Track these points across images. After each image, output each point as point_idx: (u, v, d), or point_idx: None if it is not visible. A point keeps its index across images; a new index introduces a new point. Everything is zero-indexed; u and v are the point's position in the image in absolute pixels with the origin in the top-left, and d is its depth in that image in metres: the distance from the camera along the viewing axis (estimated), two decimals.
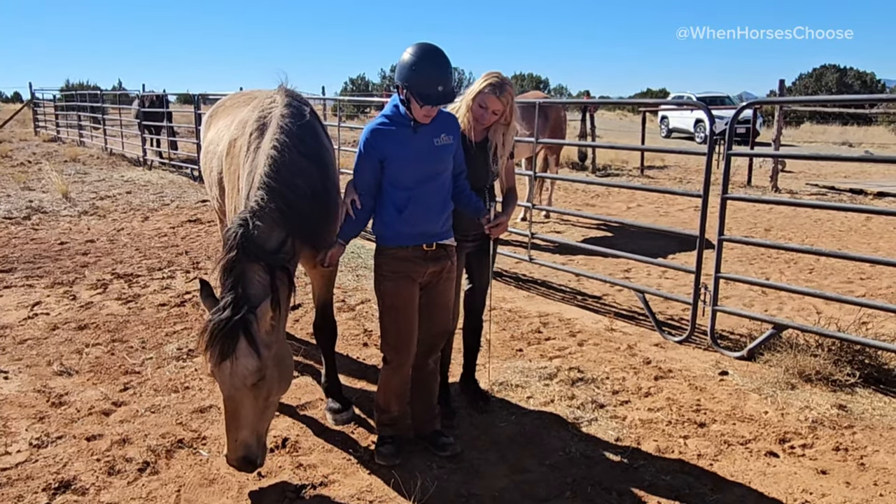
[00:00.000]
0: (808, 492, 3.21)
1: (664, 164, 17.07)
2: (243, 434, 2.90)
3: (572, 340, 5.13)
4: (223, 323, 2.79)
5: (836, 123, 30.54)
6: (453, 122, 3.32)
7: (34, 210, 10.12)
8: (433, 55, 3.03)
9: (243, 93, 5.20)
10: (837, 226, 9.59)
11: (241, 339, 2.81)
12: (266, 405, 2.98)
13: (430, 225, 3.24)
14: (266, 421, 3.04)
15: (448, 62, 3.08)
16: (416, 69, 3.00)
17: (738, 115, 5.08)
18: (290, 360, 3.13)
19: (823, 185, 13.31)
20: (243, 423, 2.90)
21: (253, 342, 2.83)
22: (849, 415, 3.94)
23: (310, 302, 5.73)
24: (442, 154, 3.21)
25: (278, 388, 3.03)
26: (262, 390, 2.91)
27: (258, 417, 2.94)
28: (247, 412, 2.89)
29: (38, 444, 3.56)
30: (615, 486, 3.25)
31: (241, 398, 2.87)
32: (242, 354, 2.81)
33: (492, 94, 3.38)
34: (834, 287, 6.54)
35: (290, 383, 3.17)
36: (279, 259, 3.03)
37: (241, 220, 3.00)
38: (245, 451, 2.91)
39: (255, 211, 3.03)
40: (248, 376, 2.83)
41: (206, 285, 3.01)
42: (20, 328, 5.26)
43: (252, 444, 2.93)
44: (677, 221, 9.91)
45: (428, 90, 3.00)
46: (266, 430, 3.07)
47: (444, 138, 3.21)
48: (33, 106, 26.48)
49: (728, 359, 4.80)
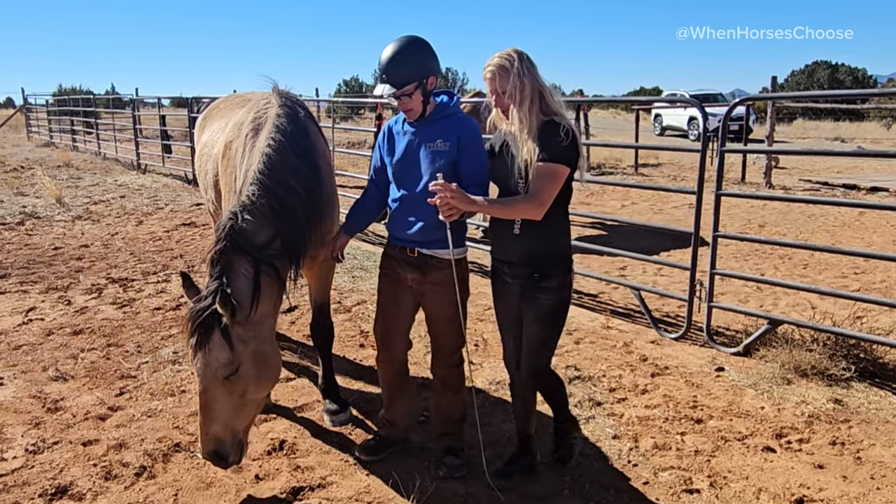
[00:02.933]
0: (805, 486, 3.22)
1: (658, 162, 17.11)
2: (214, 428, 2.85)
3: (569, 339, 5.13)
4: (200, 312, 2.77)
5: (829, 119, 30.63)
6: (458, 128, 3.04)
7: (28, 215, 10.07)
8: (391, 43, 2.99)
9: (237, 95, 5.19)
10: (831, 221, 9.62)
11: (216, 332, 2.77)
12: (242, 402, 2.90)
13: (410, 230, 3.11)
14: (243, 419, 2.95)
15: (403, 48, 2.95)
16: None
17: (731, 111, 5.10)
18: (275, 360, 3.03)
19: (817, 181, 13.36)
20: (215, 417, 2.84)
21: (226, 334, 2.79)
22: (845, 409, 3.95)
23: (306, 304, 5.72)
24: (433, 159, 3.02)
25: (256, 386, 2.93)
26: (236, 385, 2.84)
27: (232, 413, 2.88)
28: (220, 406, 2.84)
29: (34, 450, 3.54)
30: (613, 483, 3.26)
31: (213, 391, 2.82)
32: (215, 346, 2.78)
33: (485, 75, 2.96)
34: (828, 282, 6.56)
35: (272, 384, 3.09)
36: (266, 254, 3.01)
37: (231, 213, 3.00)
38: (216, 446, 2.86)
39: (245, 205, 3.02)
40: (219, 368, 2.78)
41: (186, 277, 2.99)
42: (15, 334, 5.23)
43: (225, 440, 2.87)
44: (672, 219, 9.94)
45: (379, 76, 3.01)
46: (244, 428, 2.99)
47: (440, 144, 3.02)
48: (25, 111, 26.38)
49: (724, 355, 4.81)
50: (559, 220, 3.00)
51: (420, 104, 3.03)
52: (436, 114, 3.08)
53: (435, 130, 3.06)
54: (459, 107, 3.17)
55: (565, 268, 3.03)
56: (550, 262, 2.98)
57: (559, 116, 2.87)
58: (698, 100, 6.96)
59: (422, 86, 2.98)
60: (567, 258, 3.05)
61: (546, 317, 3.02)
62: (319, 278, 3.83)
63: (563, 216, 3.03)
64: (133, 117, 16.79)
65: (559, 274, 2.99)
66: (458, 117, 3.11)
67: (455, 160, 3.03)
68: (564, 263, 3.03)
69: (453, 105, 3.12)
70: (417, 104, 3.02)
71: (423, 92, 3.00)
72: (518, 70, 2.81)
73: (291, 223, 3.10)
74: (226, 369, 2.80)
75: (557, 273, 2.99)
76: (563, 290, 3.02)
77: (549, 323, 3.04)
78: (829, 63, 43.84)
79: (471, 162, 3.03)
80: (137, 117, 16.83)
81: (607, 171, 15.59)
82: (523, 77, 2.82)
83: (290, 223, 3.10)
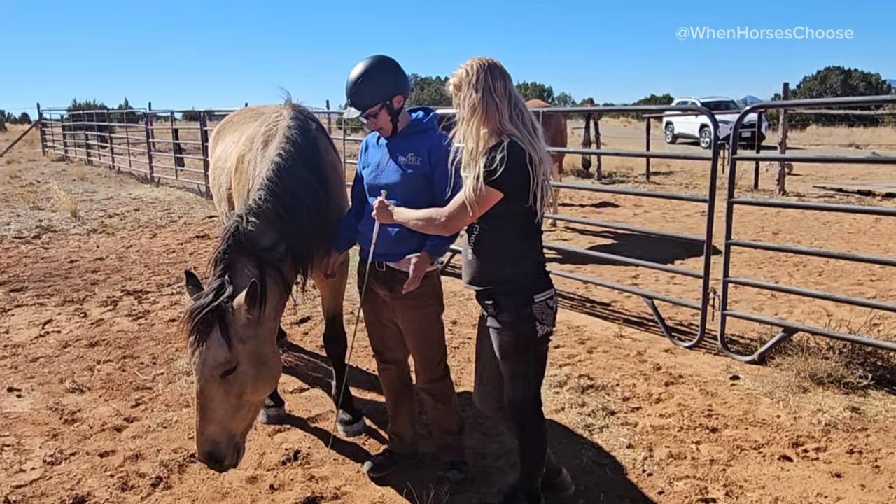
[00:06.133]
0: (822, 496, 3.18)
1: (670, 170, 17.05)
2: (211, 429, 2.80)
3: (581, 348, 5.12)
4: (200, 309, 2.78)
5: (842, 125, 30.43)
6: (430, 143, 3.04)
7: (44, 229, 10.20)
8: (357, 64, 3.03)
9: (250, 108, 5.24)
10: (846, 228, 9.54)
11: (215, 330, 2.77)
12: (239, 403, 2.86)
13: (379, 244, 3.06)
14: (240, 421, 2.90)
15: (366, 72, 2.99)
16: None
17: (743, 118, 5.09)
18: (273, 363, 2.99)
19: (831, 188, 13.25)
20: (211, 418, 2.80)
21: (225, 332, 2.77)
22: (862, 417, 3.91)
23: (319, 315, 5.75)
24: (403, 173, 3.01)
25: (254, 387, 2.89)
26: (233, 386, 2.81)
27: (229, 415, 2.84)
28: (216, 406, 2.80)
29: (52, 461, 3.58)
30: (628, 493, 3.24)
31: (210, 391, 2.79)
32: (213, 344, 2.77)
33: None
34: (844, 289, 6.51)
35: (271, 387, 3.06)
36: (271, 256, 3.03)
37: (237, 216, 3.05)
38: (211, 447, 2.82)
39: (251, 209, 3.07)
40: (216, 366, 2.77)
41: (190, 276, 3.01)
42: (32, 346, 5.29)
43: (221, 442, 2.83)
44: (684, 227, 9.90)
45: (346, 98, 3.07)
46: (242, 431, 2.94)
47: (411, 158, 3.01)
48: (41, 126, 26.74)
49: (738, 363, 4.78)
50: (510, 245, 2.69)
51: (388, 123, 3.06)
52: (408, 129, 3.11)
53: (407, 145, 3.06)
54: (435, 122, 3.18)
55: (521, 300, 2.69)
56: (502, 293, 2.70)
57: (513, 136, 2.56)
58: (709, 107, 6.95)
59: (386, 106, 3.02)
60: (523, 290, 2.70)
61: (507, 353, 2.74)
62: (331, 289, 3.86)
63: (514, 241, 2.69)
64: (146, 131, 16.99)
65: (513, 308, 2.68)
66: (432, 133, 3.11)
67: (428, 175, 3.02)
68: (520, 295, 2.69)
69: (427, 121, 3.13)
70: (385, 123, 3.06)
71: (389, 111, 3.04)
72: (470, 83, 2.60)
73: (297, 229, 3.14)
74: (221, 367, 2.77)
75: (511, 306, 2.69)
76: (521, 326, 2.68)
77: (514, 358, 2.74)
78: (841, 69, 43.62)
79: (443, 177, 2.98)
80: (151, 131, 17.01)
81: (619, 179, 15.56)
82: (474, 91, 2.58)
83: (295, 229, 3.13)
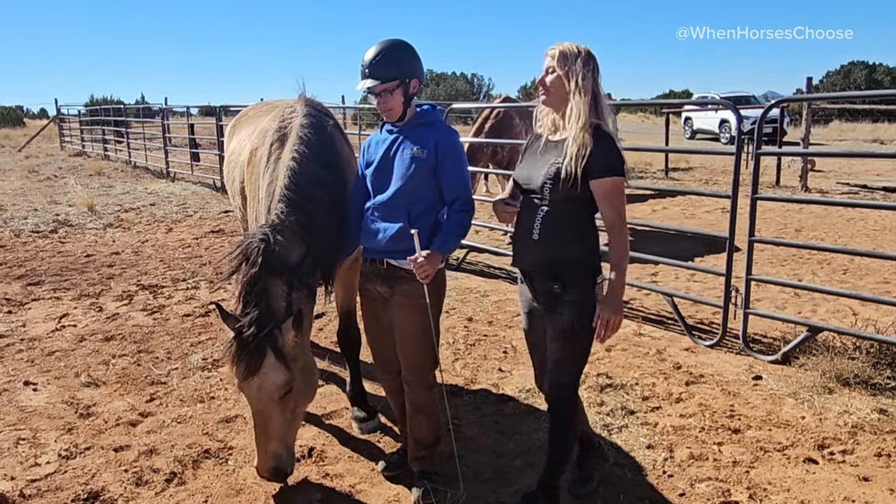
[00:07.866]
0: (849, 500, 3.09)
1: (689, 166, 16.84)
2: (273, 445, 2.95)
3: (600, 346, 5.04)
4: (250, 339, 2.82)
5: (867, 121, 29.94)
6: (436, 135, 2.97)
7: (61, 223, 10.26)
8: (376, 43, 2.96)
9: (265, 103, 5.21)
10: (871, 225, 9.35)
11: (269, 355, 2.84)
12: (294, 416, 3.03)
13: (379, 239, 2.98)
14: (294, 430, 3.09)
15: (390, 46, 2.93)
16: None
17: (767, 113, 4.98)
18: (314, 369, 3.16)
19: (855, 184, 13.03)
20: (273, 435, 2.95)
21: (281, 357, 2.87)
22: (890, 419, 3.80)
23: (333, 310, 5.71)
24: (408, 166, 2.93)
25: (305, 397, 3.07)
26: (289, 402, 2.95)
27: (286, 428, 2.99)
28: (276, 424, 2.94)
29: (67, 456, 3.57)
30: (648, 494, 3.17)
31: (269, 412, 2.91)
32: (271, 369, 2.85)
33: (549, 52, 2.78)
34: (870, 288, 6.36)
35: (315, 392, 3.19)
36: (301, 274, 3.02)
37: (262, 234, 2.98)
38: (276, 462, 2.97)
39: (275, 225, 3.02)
40: (276, 390, 2.88)
41: (220, 308, 3.02)
42: (48, 340, 5.30)
43: (282, 455, 2.98)
44: (704, 223, 9.76)
45: (362, 70, 2.96)
46: (293, 438, 3.11)
47: (417, 151, 2.93)
48: (59, 121, 26.98)
49: (761, 363, 4.67)
50: (582, 225, 2.75)
51: (400, 105, 2.97)
52: (415, 119, 3.03)
53: (413, 137, 2.98)
54: (440, 115, 3.12)
55: (588, 279, 2.74)
56: (570, 270, 2.73)
57: (605, 125, 2.69)
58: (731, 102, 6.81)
59: (404, 85, 2.94)
60: (591, 269, 2.75)
61: (562, 335, 2.75)
62: (345, 285, 3.81)
63: (585, 222, 2.77)
64: (162, 126, 17.04)
65: (579, 285, 2.72)
66: (438, 126, 3.05)
67: (434, 168, 2.95)
68: (587, 274, 2.74)
69: (433, 113, 3.07)
70: (397, 104, 2.96)
71: (404, 92, 2.95)
72: (584, 61, 2.67)
73: (321, 236, 3.10)
74: (283, 389, 2.89)
75: (578, 283, 2.72)
76: (586, 304, 2.70)
77: (566, 342, 2.76)
78: (865, 63, 42.96)
79: (450, 170, 2.95)
80: (167, 126, 17.08)
81: (637, 175, 15.40)
82: (587, 70, 2.66)
83: (319, 237, 3.10)
